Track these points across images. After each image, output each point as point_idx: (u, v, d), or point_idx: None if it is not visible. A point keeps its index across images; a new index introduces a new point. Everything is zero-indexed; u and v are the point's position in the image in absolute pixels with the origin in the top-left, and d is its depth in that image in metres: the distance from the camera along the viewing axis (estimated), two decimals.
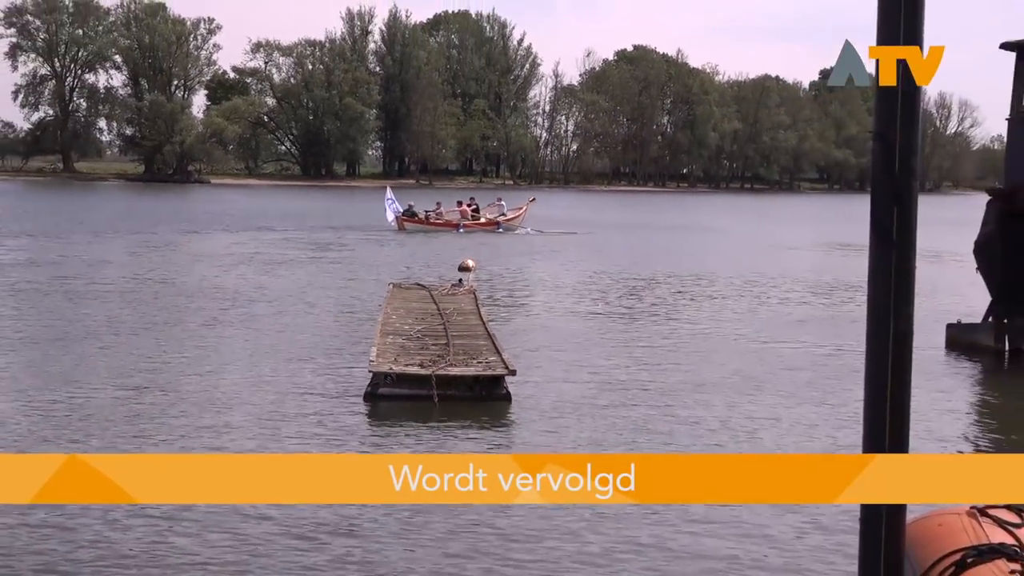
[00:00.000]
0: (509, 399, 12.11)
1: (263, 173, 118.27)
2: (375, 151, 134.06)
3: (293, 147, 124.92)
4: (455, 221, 44.65)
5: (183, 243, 35.95)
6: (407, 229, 43.29)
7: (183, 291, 22.40)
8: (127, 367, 13.95)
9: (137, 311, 19.42)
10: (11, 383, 12.94)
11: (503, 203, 47.91)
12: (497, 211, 46.72)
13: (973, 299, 18.61)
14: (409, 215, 44.48)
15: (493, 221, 45.22)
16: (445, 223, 44.42)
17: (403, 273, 26.38)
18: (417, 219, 44.52)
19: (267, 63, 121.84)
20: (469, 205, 46.41)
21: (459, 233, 42.70)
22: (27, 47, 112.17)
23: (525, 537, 7.82)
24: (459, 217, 45.11)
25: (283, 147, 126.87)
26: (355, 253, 33.85)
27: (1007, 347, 16.54)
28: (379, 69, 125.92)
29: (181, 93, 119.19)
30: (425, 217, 44.89)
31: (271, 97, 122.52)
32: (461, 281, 22.07)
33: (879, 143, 3.55)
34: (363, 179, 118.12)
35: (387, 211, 44.55)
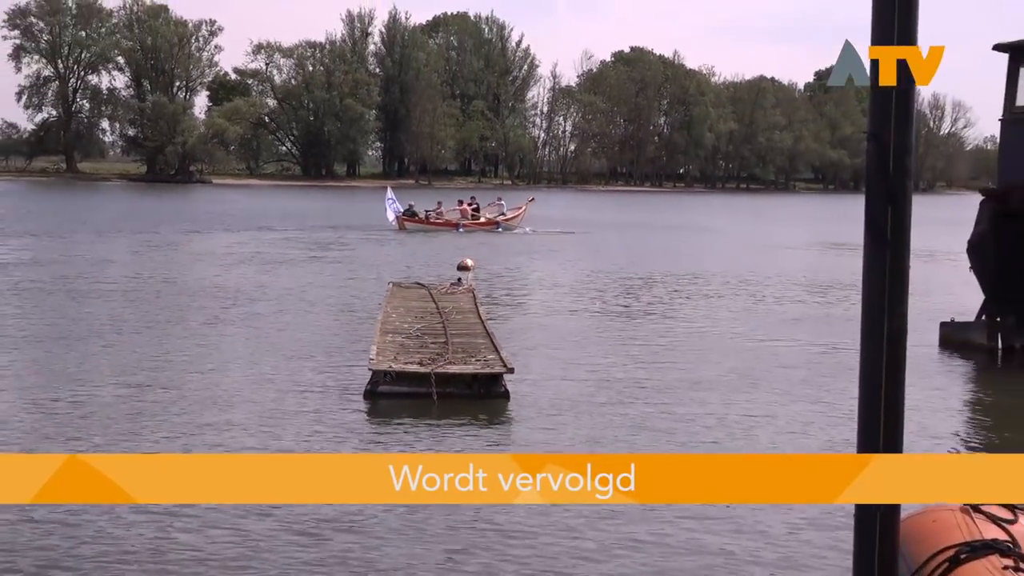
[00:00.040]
0: (507, 397, 12.10)
1: (264, 173, 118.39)
2: (375, 152, 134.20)
3: (294, 148, 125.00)
4: (455, 221, 44.61)
5: (185, 243, 35.92)
6: (407, 229, 43.29)
7: (185, 290, 22.39)
8: (129, 365, 13.93)
9: (139, 310, 19.40)
10: (14, 381, 12.93)
11: (503, 203, 47.86)
12: (497, 211, 46.69)
13: (966, 298, 18.61)
14: (409, 215, 44.47)
15: (492, 221, 45.20)
16: (445, 223, 44.38)
17: (403, 272, 26.36)
18: (417, 219, 44.51)
19: (268, 64, 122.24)
20: (470, 204, 46.38)
21: (459, 233, 42.66)
22: (31, 49, 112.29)
23: (524, 533, 7.80)
24: (459, 217, 45.07)
25: (284, 148, 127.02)
26: (355, 252, 33.83)
27: (1000, 345, 16.55)
28: (379, 70, 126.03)
29: (183, 94, 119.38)
30: (425, 217, 44.86)
31: (272, 98, 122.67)
32: (460, 280, 22.07)
33: (873, 143, 3.54)
34: (363, 179, 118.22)
35: (388, 211, 44.58)
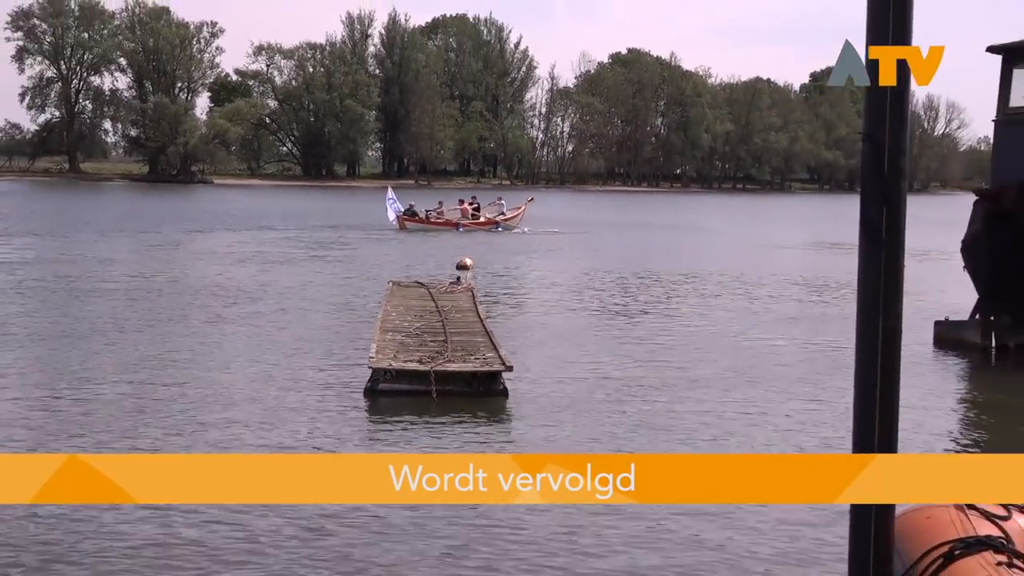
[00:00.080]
0: (506, 394, 12.09)
1: (265, 173, 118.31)
2: (375, 152, 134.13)
3: (294, 148, 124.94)
4: (455, 220, 44.62)
5: (187, 242, 35.89)
6: (408, 228, 43.29)
7: (187, 289, 22.37)
8: (131, 363, 13.92)
9: (141, 308, 19.38)
10: (18, 379, 12.90)
11: (503, 202, 47.90)
12: (496, 210, 46.70)
13: (960, 297, 18.62)
14: (410, 214, 44.48)
15: (492, 220, 45.20)
16: (445, 222, 44.39)
17: (402, 271, 26.34)
18: (418, 218, 44.52)
19: (269, 66, 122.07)
20: (471, 204, 46.41)
21: (458, 232, 42.66)
22: (34, 50, 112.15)
23: (521, 525, 7.80)
24: (460, 216, 45.10)
25: (285, 148, 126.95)
26: (355, 252, 33.81)
27: (993, 344, 16.56)
28: (379, 72, 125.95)
29: (185, 95, 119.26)
30: (426, 216, 44.87)
31: (273, 99, 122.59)
32: (459, 279, 22.07)
33: (868, 144, 3.54)
34: (363, 179, 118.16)
35: (388, 211, 44.59)
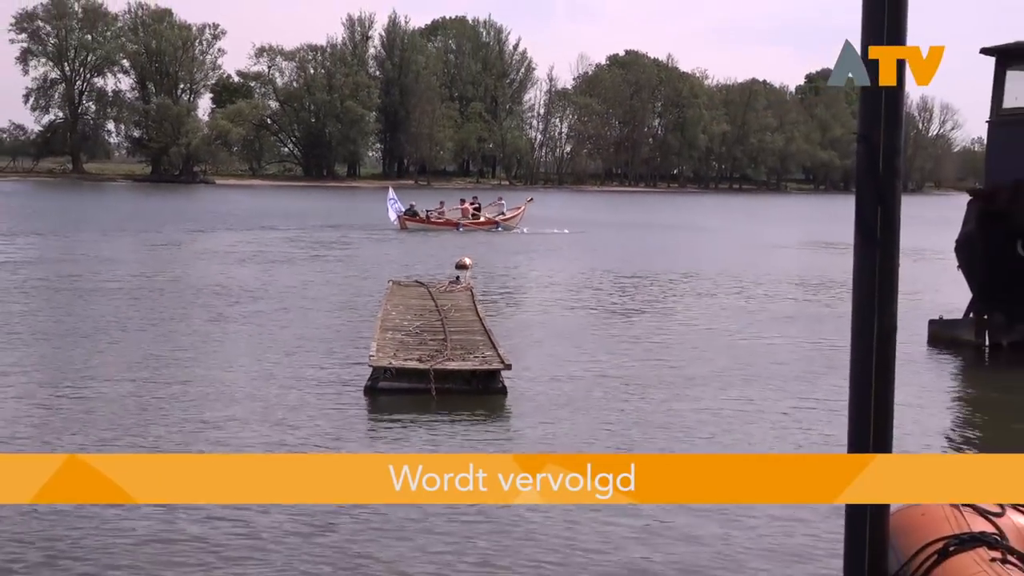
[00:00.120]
0: (505, 392, 12.07)
1: (266, 174, 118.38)
2: (375, 153, 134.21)
3: (295, 149, 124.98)
4: (455, 220, 44.64)
5: (189, 241, 35.87)
6: (409, 228, 43.29)
7: (189, 288, 22.35)
8: (133, 361, 13.89)
9: (144, 307, 19.35)
10: (21, 377, 12.86)
11: (503, 202, 47.95)
12: (497, 210, 46.72)
13: (954, 296, 18.60)
14: (411, 214, 44.49)
15: (492, 220, 45.20)
16: (446, 222, 44.40)
17: (403, 271, 26.32)
18: (418, 218, 44.53)
19: (270, 67, 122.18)
20: (472, 204, 46.44)
21: (459, 232, 42.67)
22: (38, 52, 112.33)
23: (521, 521, 7.78)
24: (460, 216, 45.12)
25: (286, 149, 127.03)
26: (356, 251, 33.79)
27: (987, 342, 16.55)
28: (379, 73, 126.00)
29: (187, 96, 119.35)
30: (426, 216, 44.88)
31: (274, 100, 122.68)
32: (458, 278, 22.05)
33: (864, 144, 3.54)
34: (363, 180, 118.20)
35: (389, 211, 44.58)
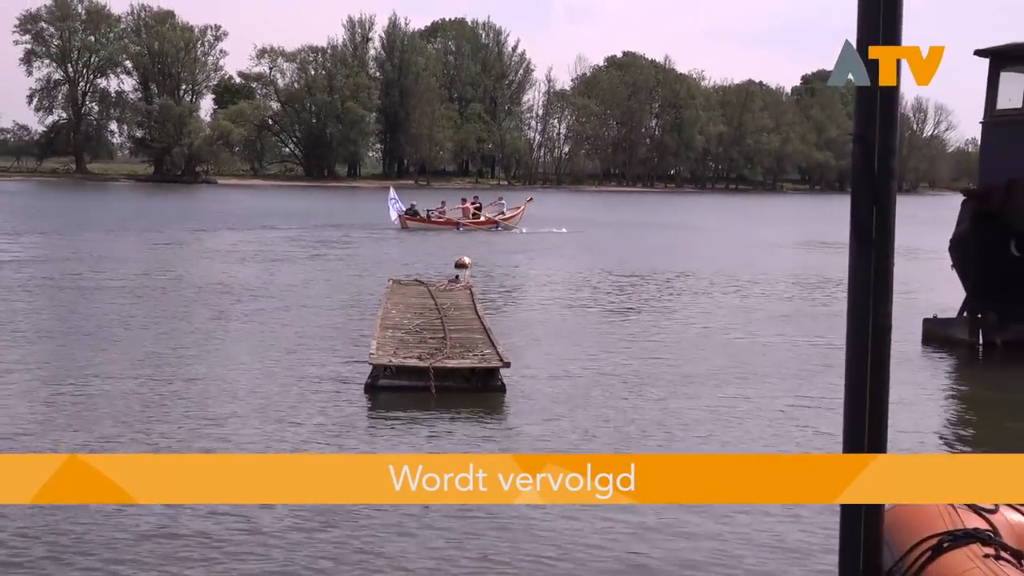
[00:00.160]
0: (504, 390, 12.06)
1: (268, 174, 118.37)
2: (375, 153, 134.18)
3: (296, 149, 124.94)
4: (455, 220, 44.65)
5: (191, 241, 35.85)
6: (410, 227, 43.27)
7: (191, 286, 22.34)
8: (135, 360, 13.87)
9: (146, 306, 19.34)
10: (25, 375, 12.83)
11: (503, 202, 47.99)
12: (497, 210, 46.73)
13: (948, 295, 18.61)
14: (411, 214, 44.49)
15: (491, 220, 45.20)
16: (446, 221, 44.42)
17: (403, 270, 26.32)
18: (419, 218, 44.53)
19: (272, 68, 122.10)
20: (473, 204, 46.47)
21: (459, 231, 42.67)
22: (41, 53, 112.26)
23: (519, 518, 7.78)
24: (461, 215, 45.14)
25: (287, 149, 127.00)
26: (356, 251, 33.78)
27: (981, 341, 16.55)
28: (379, 74, 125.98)
29: (189, 97, 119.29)
30: (427, 216, 44.88)
31: (275, 101, 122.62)
32: (458, 277, 22.07)
33: (859, 145, 3.53)
34: (364, 180, 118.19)
35: (391, 210, 44.54)
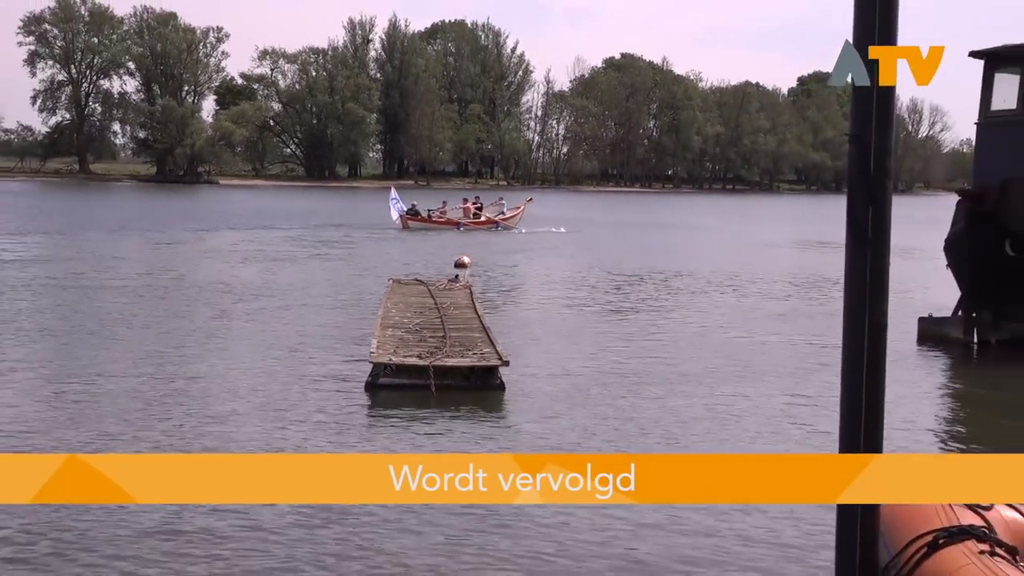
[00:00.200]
0: (503, 388, 12.06)
1: (269, 174, 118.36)
2: (376, 153, 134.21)
3: (298, 150, 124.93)
4: (456, 220, 44.65)
5: (193, 240, 35.81)
6: (411, 227, 43.24)
7: (192, 286, 22.31)
8: (137, 358, 13.86)
9: (148, 305, 19.32)
10: (27, 373, 12.81)
11: (504, 202, 48.01)
12: (497, 210, 46.73)
13: (943, 294, 18.61)
14: (412, 214, 44.48)
15: (492, 220, 45.20)
16: (447, 221, 44.41)
17: (403, 269, 26.30)
18: (420, 218, 44.52)
19: (273, 70, 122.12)
20: (474, 204, 46.48)
21: (459, 231, 42.66)
22: (45, 54, 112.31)
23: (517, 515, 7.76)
24: (462, 215, 45.14)
25: (288, 150, 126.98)
26: (357, 250, 33.76)
27: (975, 340, 16.54)
28: (379, 76, 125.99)
29: (191, 98, 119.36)
30: (428, 216, 44.88)
31: (277, 102, 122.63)
32: (457, 277, 22.06)
33: (855, 145, 3.52)
34: (364, 180, 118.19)
35: (392, 210, 44.50)
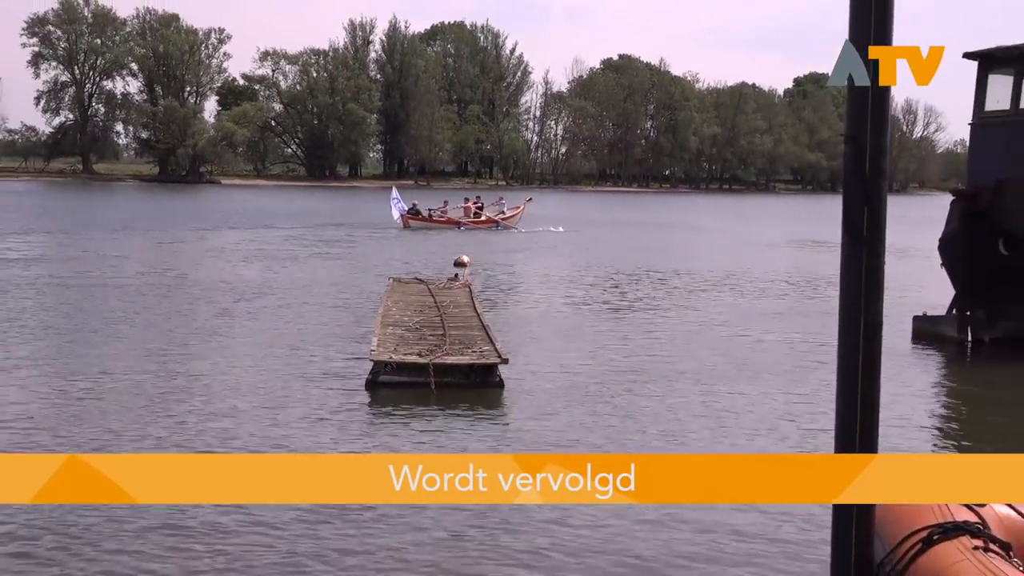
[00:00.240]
0: (502, 386, 12.06)
1: (270, 174, 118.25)
2: (376, 154, 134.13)
3: (299, 150, 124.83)
4: (456, 219, 44.64)
5: (195, 240, 35.79)
6: (412, 227, 43.21)
7: (195, 285, 22.30)
8: (140, 356, 13.85)
9: (151, 303, 19.30)
10: (31, 371, 12.79)
11: (504, 202, 48.02)
12: (497, 210, 46.73)
13: (938, 293, 18.62)
14: (413, 213, 44.47)
15: (492, 219, 45.20)
16: (447, 221, 44.41)
17: (403, 268, 26.30)
18: (421, 217, 44.51)
19: (274, 71, 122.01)
20: (475, 203, 46.48)
21: (460, 231, 42.66)
22: (49, 55, 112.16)
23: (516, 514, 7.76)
24: (463, 215, 45.13)
25: (289, 150, 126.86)
26: (358, 249, 33.75)
27: (969, 338, 16.55)
28: (380, 76, 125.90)
29: (193, 99, 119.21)
30: (428, 215, 44.87)
31: (278, 103, 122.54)
32: (457, 276, 22.06)
33: (851, 145, 3.52)
34: (364, 180, 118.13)
35: (393, 210, 44.48)
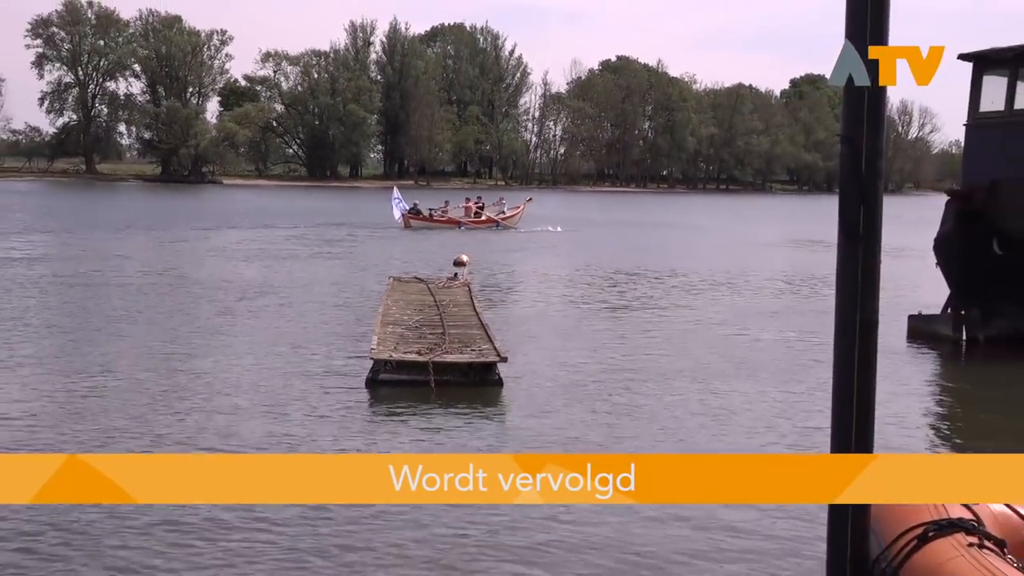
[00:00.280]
0: (501, 384, 12.05)
1: (272, 174, 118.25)
2: (376, 154, 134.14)
3: (300, 150, 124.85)
4: (457, 219, 44.63)
5: (197, 239, 35.77)
6: (413, 226, 43.19)
7: (196, 284, 22.28)
8: (143, 354, 13.83)
9: (153, 302, 19.29)
10: (34, 368, 12.78)
11: (504, 202, 48.02)
12: (498, 210, 46.72)
13: (933, 292, 18.61)
14: (414, 213, 44.46)
15: (492, 219, 45.18)
16: (448, 220, 44.40)
17: (403, 267, 26.29)
18: (422, 217, 44.51)
19: (276, 72, 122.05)
20: (476, 203, 46.47)
21: (460, 230, 42.65)
22: (52, 57, 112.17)
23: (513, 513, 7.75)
24: (464, 215, 45.12)
25: (291, 150, 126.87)
26: (358, 249, 33.74)
27: (964, 337, 16.55)
28: (380, 78, 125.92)
29: (196, 100, 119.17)
30: (429, 215, 44.86)
31: (279, 103, 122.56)
32: (456, 275, 22.03)
33: (847, 146, 3.52)
34: (365, 180, 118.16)
35: (394, 209, 44.46)
